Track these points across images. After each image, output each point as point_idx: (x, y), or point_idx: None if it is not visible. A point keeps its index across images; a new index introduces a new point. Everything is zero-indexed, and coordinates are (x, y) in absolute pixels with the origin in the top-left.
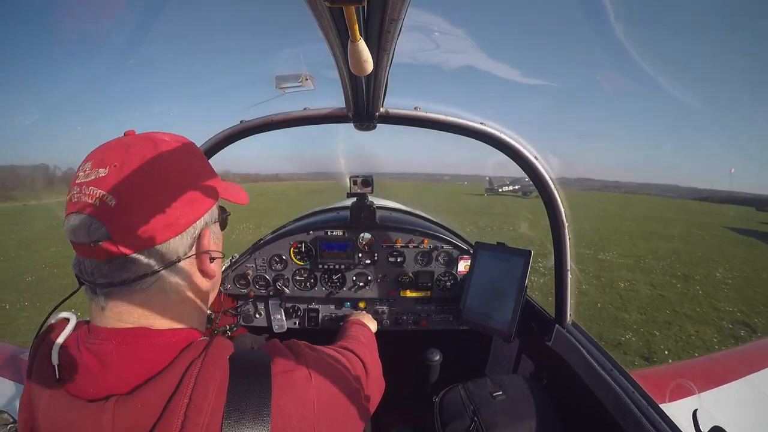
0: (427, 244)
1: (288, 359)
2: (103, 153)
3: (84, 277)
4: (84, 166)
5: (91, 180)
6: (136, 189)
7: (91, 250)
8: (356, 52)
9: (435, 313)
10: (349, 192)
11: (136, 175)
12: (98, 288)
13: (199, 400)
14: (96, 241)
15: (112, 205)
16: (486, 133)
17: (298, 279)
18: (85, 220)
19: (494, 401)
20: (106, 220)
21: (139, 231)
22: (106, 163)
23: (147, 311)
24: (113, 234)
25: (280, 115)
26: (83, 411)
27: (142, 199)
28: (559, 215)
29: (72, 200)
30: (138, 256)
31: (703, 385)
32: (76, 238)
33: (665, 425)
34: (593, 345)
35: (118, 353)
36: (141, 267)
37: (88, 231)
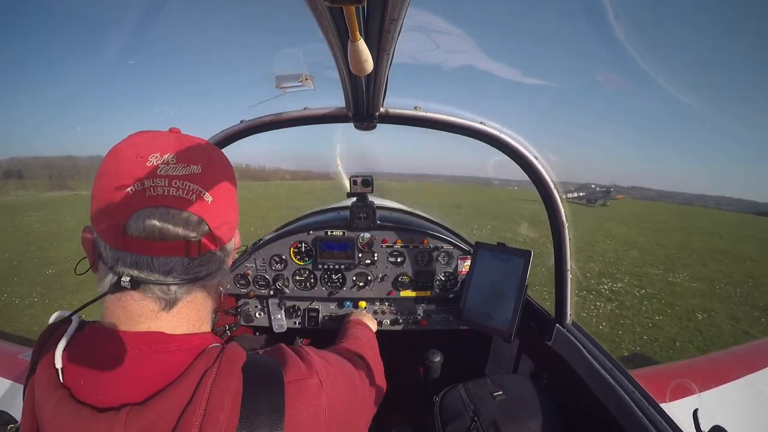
0: (427, 244)
1: (299, 368)
2: (180, 148)
3: (151, 277)
4: (162, 158)
5: (185, 174)
6: (224, 189)
7: (183, 246)
8: (356, 52)
9: (435, 313)
10: (349, 192)
11: (225, 175)
12: (174, 286)
13: (215, 411)
14: (194, 237)
15: (209, 201)
16: (486, 133)
17: (298, 279)
18: (182, 216)
19: (494, 401)
20: (207, 216)
21: (227, 227)
22: (196, 160)
23: (199, 306)
24: (213, 229)
25: (280, 115)
26: (93, 420)
27: (227, 199)
28: (559, 215)
29: (148, 193)
30: (222, 251)
31: (703, 384)
32: (166, 235)
33: (666, 425)
34: (593, 345)
35: (132, 359)
36: (218, 262)
37: (186, 226)
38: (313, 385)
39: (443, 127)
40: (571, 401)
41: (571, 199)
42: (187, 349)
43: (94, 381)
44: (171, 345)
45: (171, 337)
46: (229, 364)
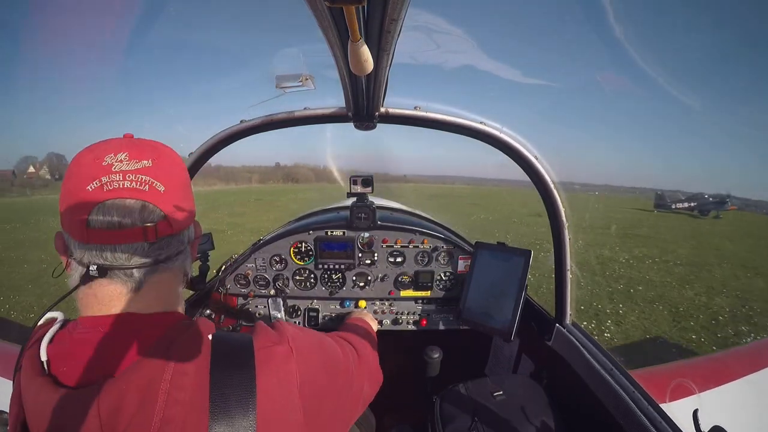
0: (427, 243)
1: (269, 335)
2: (133, 147)
3: (116, 263)
4: (117, 156)
5: (137, 169)
6: (176, 179)
7: (141, 232)
8: (356, 52)
9: (435, 313)
10: (350, 192)
11: (173, 168)
12: (137, 270)
13: (179, 377)
14: (150, 222)
15: (161, 191)
16: (486, 133)
17: (299, 279)
18: (135, 204)
19: (494, 401)
20: (160, 203)
21: (180, 214)
22: (146, 156)
23: (167, 288)
24: (168, 214)
25: (280, 114)
26: (70, 397)
27: (180, 188)
28: (559, 215)
29: (105, 188)
30: (179, 235)
31: (703, 385)
32: (124, 222)
33: (665, 425)
34: (593, 344)
35: (106, 341)
36: (180, 245)
37: (142, 213)
38: (283, 351)
39: (443, 127)
40: (571, 401)
41: (680, 210)
42: (156, 327)
43: (75, 366)
44: (140, 324)
45: (140, 317)
46: (196, 335)
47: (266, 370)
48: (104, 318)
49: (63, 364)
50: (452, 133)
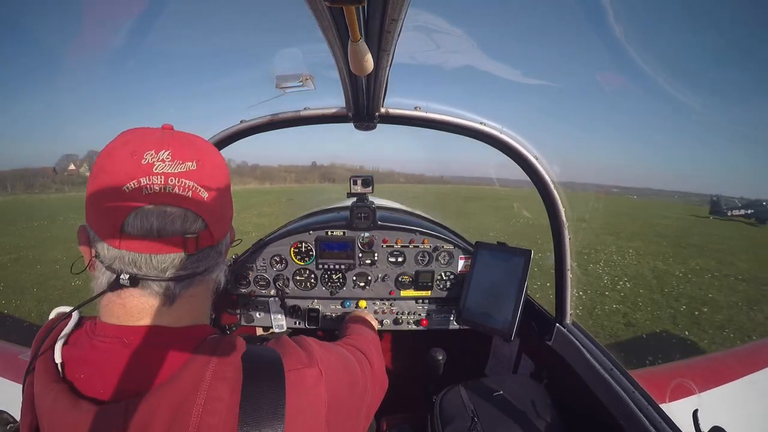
0: (427, 243)
1: (299, 357)
2: (173, 145)
3: (150, 275)
4: (157, 155)
5: (180, 172)
6: (220, 185)
7: (181, 243)
8: (356, 52)
9: (435, 313)
10: (350, 192)
11: (219, 171)
12: (172, 282)
13: (213, 402)
14: (192, 233)
15: (205, 198)
16: (486, 133)
17: (299, 279)
18: (178, 212)
19: (494, 401)
20: (203, 212)
21: (223, 222)
22: (189, 156)
23: (200, 300)
24: (210, 225)
25: (280, 114)
26: (92, 413)
27: (224, 194)
28: (559, 215)
29: (145, 192)
30: (219, 245)
31: (703, 385)
32: (164, 231)
33: (665, 425)
34: (594, 344)
35: (130, 353)
36: (217, 256)
37: (184, 223)
38: (313, 374)
39: (443, 127)
40: (571, 401)
41: (736, 217)
42: (186, 342)
43: (95, 375)
44: (170, 338)
45: (170, 330)
46: (227, 354)
47: (296, 393)
48: (130, 329)
49: (80, 370)
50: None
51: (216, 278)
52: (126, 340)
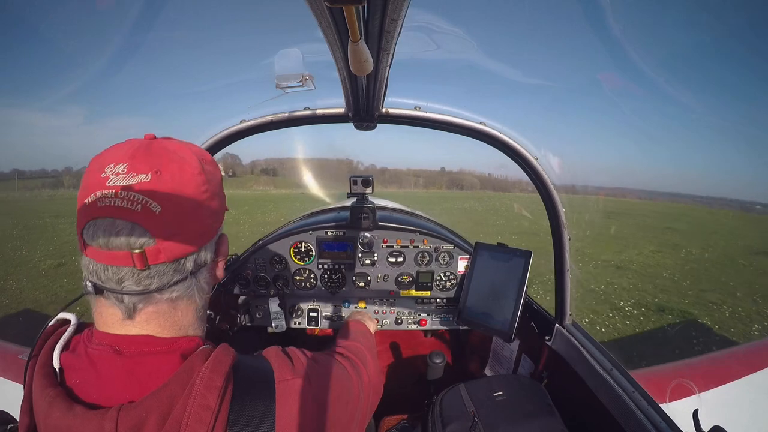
0: (427, 244)
1: (287, 367)
2: (136, 157)
3: (107, 285)
4: (114, 168)
5: (131, 184)
6: (180, 198)
7: (128, 257)
8: (356, 52)
9: (435, 313)
10: (350, 192)
11: (181, 183)
12: (127, 296)
13: (201, 411)
14: (138, 248)
15: (157, 212)
16: (486, 133)
17: (298, 279)
18: (126, 226)
19: (494, 401)
20: (151, 227)
21: (181, 239)
22: (147, 168)
23: (171, 317)
24: (158, 241)
25: (280, 115)
26: (85, 418)
27: (187, 207)
28: (559, 215)
29: (99, 203)
30: (178, 263)
31: (703, 385)
32: (109, 245)
33: (665, 425)
34: (593, 345)
35: (123, 361)
36: (179, 273)
37: (129, 237)
38: (302, 385)
39: (444, 128)
40: (571, 401)
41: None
42: (177, 351)
43: (89, 381)
44: (162, 347)
45: (162, 340)
46: (217, 365)
47: (286, 404)
48: (123, 337)
49: (76, 376)
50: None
51: (186, 297)
52: (119, 348)
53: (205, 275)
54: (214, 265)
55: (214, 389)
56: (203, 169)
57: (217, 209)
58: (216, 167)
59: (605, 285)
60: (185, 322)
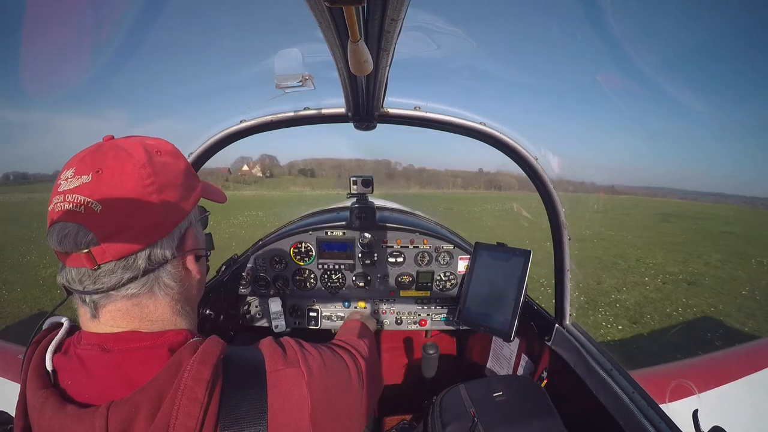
0: (427, 244)
1: (280, 357)
2: (83, 159)
3: (72, 286)
4: (65, 174)
5: (74, 187)
6: (122, 193)
7: (79, 258)
8: (356, 52)
9: (435, 313)
10: (350, 192)
11: (121, 179)
12: (87, 295)
13: (190, 404)
14: (84, 248)
15: (98, 210)
16: (486, 133)
17: (299, 279)
18: (71, 228)
19: (494, 401)
20: (93, 226)
21: (128, 235)
22: (89, 169)
23: (138, 314)
24: (101, 240)
25: (280, 115)
26: (76, 416)
27: (129, 202)
28: (558, 215)
29: (54, 209)
30: (127, 260)
31: (703, 385)
32: (62, 247)
33: (665, 425)
34: (593, 345)
35: (110, 358)
36: (130, 270)
37: (75, 238)
38: (295, 375)
39: (444, 128)
40: (571, 401)
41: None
42: (164, 345)
43: (80, 381)
44: (148, 342)
45: (148, 335)
46: (205, 356)
47: (278, 394)
48: (108, 336)
49: (68, 377)
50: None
51: (152, 295)
52: (106, 346)
53: (169, 271)
54: (181, 260)
55: (202, 381)
56: (151, 160)
57: (173, 202)
58: (176, 157)
59: (682, 308)
60: (157, 317)
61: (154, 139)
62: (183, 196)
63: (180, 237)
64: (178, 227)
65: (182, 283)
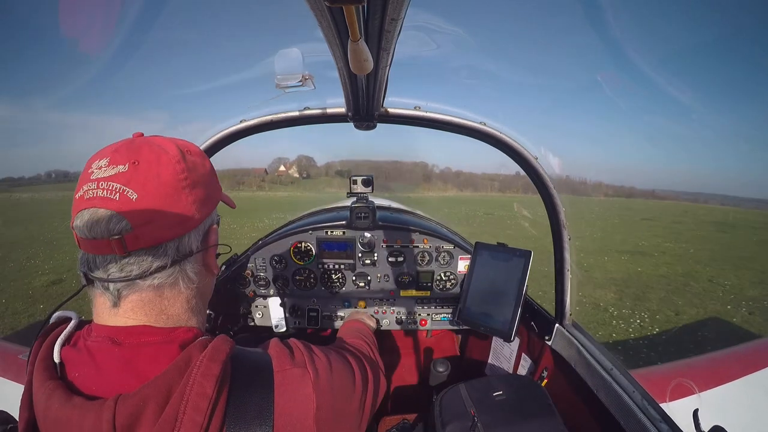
0: (427, 244)
1: (287, 358)
2: (118, 150)
3: (94, 274)
4: (98, 163)
5: (109, 176)
6: (157, 185)
7: (109, 245)
8: (356, 51)
9: (435, 313)
10: (350, 192)
11: (157, 171)
12: (112, 283)
13: (198, 398)
14: (116, 235)
15: (133, 199)
16: (486, 133)
17: (299, 279)
18: (104, 215)
19: (494, 401)
20: (128, 214)
21: (160, 224)
22: (125, 159)
23: (157, 307)
24: (135, 226)
25: (280, 114)
26: (84, 408)
27: (164, 193)
28: (559, 215)
29: (85, 196)
30: (157, 248)
31: (703, 384)
32: (92, 233)
33: (665, 425)
34: (593, 344)
35: (122, 352)
36: (159, 259)
37: (108, 224)
38: (300, 375)
39: (444, 127)
40: (571, 401)
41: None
42: (175, 341)
43: (89, 373)
44: (159, 337)
45: (160, 330)
46: (215, 353)
47: (284, 394)
48: (120, 329)
49: (76, 369)
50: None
51: (170, 284)
52: (117, 339)
53: (193, 265)
54: (203, 255)
55: (211, 377)
56: (184, 158)
57: (201, 198)
58: (204, 158)
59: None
60: (173, 312)
61: (184, 141)
62: (209, 195)
63: (205, 232)
64: (203, 222)
65: (201, 278)
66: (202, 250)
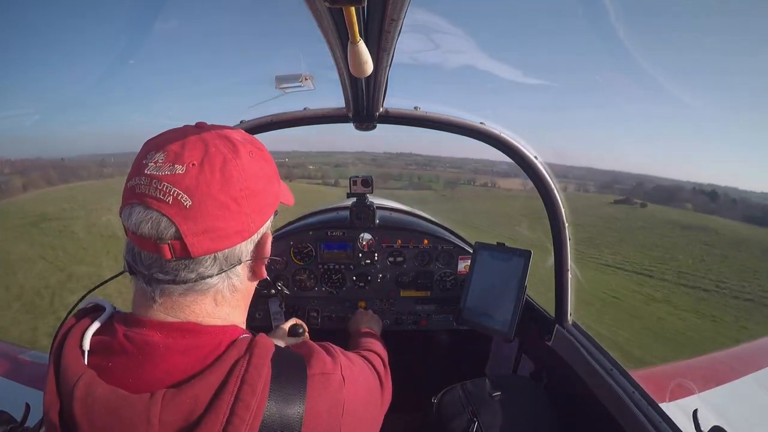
0: (427, 244)
1: (324, 361)
2: (177, 146)
3: (139, 268)
4: (155, 156)
5: (165, 175)
6: (215, 193)
7: (156, 246)
8: (356, 53)
9: (435, 313)
10: (349, 192)
11: (215, 178)
12: (154, 282)
13: (248, 397)
14: (164, 240)
15: (187, 206)
16: (486, 133)
17: (299, 279)
18: (155, 216)
19: (494, 401)
20: (179, 221)
21: (212, 235)
22: (184, 159)
23: (199, 309)
24: (185, 235)
25: (280, 115)
26: (129, 401)
27: (220, 204)
28: (559, 215)
29: (137, 190)
30: (205, 259)
31: (703, 384)
32: (140, 231)
33: (665, 425)
34: (593, 345)
35: (166, 346)
36: (206, 269)
37: (158, 228)
38: (336, 380)
39: (443, 128)
40: (571, 401)
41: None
42: (219, 339)
43: (125, 365)
44: (205, 335)
45: (204, 328)
46: (260, 356)
47: (318, 396)
48: (157, 323)
49: (109, 360)
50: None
51: (218, 294)
52: (159, 333)
53: (239, 274)
54: (253, 264)
55: (258, 378)
56: (249, 164)
57: (260, 207)
58: (268, 161)
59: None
60: (216, 312)
61: (241, 134)
62: (268, 202)
63: (257, 242)
64: (258, 232)
65: (245, 284)
66: (251, 260)
